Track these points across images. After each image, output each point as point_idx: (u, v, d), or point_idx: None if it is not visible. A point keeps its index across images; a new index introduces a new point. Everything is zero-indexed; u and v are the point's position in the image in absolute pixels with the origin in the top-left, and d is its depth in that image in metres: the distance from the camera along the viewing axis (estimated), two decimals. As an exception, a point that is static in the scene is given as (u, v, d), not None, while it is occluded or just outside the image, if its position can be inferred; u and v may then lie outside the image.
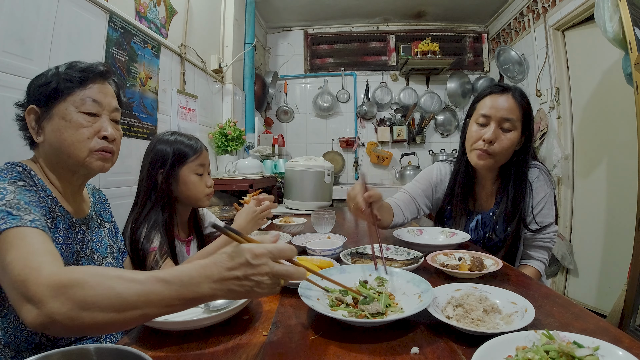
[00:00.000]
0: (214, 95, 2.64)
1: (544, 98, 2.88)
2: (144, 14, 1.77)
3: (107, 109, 0.81)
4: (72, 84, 0.77)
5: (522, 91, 1.18)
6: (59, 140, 0.76)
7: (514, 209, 1.18)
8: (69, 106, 0.76)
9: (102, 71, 0.82)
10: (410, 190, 1.39)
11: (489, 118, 1.15)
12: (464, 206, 1.30)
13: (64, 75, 0.77)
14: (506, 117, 1.12)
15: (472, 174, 1.29)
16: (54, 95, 0.76)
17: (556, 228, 1.22)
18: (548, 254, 1.22)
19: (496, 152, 1.14)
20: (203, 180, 1.19)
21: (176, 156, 1.14)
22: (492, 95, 1.17)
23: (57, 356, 0.45)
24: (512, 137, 1.13)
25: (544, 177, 1.21)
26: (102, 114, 0.80)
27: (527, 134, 1.17)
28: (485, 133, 1.14)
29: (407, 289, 0.74)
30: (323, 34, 4.08)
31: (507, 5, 3.41)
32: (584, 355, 0.46)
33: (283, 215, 1.83)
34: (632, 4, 1.68)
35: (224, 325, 0.65)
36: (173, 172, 1.14)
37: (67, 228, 0.79)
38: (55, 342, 0.74)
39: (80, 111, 0.77)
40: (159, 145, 1.16)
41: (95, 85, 0.80)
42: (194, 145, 1.18)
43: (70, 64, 0.80)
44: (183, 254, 1.20)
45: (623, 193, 2.26)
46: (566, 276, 2.73)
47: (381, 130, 3.86)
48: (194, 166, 1.16)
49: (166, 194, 1.13)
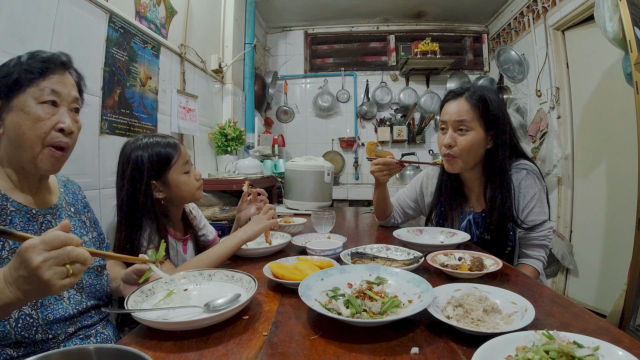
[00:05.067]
0: (214, 95, 2.64)
1: (544, 98, 2.88)
2: (144, 14, 1.77)
3: (67, 99, 0.80)
4: (33, 74, 0.75)
5: (481, 92, 1.21)
6: (17, 134, 0.75)
7: (499, 207, 1.19)
8: (28, 98, 0.75)
9: (63, 61, 0.80)
10: (397, 197, 1.56)
11: (446, 123, 1.23)
12: (453, 208, 1.34)
13: (25, 65, 0.75)
14: (459, 120, 1.19)
15: (459, 177, 1.34)
16: (15, 87, 0.74)
17: (551, 225, 1.23)
18: (545, 252, 1.23)
19: (458, 154, 1.21)
20: (191, 175, 1.15)
21: (160, 162, 1.08)
22: (448, 102, 1.25)
23: (57, 356, 0.45)
24: (470, 138, 1.19)
25: (532, 175, 1.22)
26: (61, 105, 0.79)
27: (495, 131, 1.20)
28: (444, 138, 1.23)
29: (407, 289, 0.74)
30: (323, 34, 4.08)
31: (507, 5, 3.41)
32: (584, 355, 0.46)
33: (283, 215, 1.83)
34: (632, 4, 1.68)
35: (224, 325, 0.65)
36: (161, 179, 1.09)
37: (27, 221, 0.78)
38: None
39: (39, 102, 0.75)
40: (135, 153, 1.07)
41: (55, 76, 0.78)
42: (172, 142, 1.12)
43: (32, 53, 0.78)
44: (179, 253, 1.19)
45: (623, 193, 2.26)
46: (566, 276, 2.73)
47: (381, 130, 3.86)
48: (180, 166, 1.11)
49: (157, 203, 1.09)
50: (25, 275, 0.53)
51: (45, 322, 0.74)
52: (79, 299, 0.83)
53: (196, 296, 0.78)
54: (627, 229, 1.91)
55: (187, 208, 1.31)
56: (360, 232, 1.56)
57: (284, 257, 0.99)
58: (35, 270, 0.52)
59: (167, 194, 1.12)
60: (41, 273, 0.52)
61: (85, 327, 0.84)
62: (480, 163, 1.26)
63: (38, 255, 0.53)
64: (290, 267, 0.85)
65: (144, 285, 0.77)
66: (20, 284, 0.54)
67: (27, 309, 0.72)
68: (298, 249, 1.19)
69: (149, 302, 0.73)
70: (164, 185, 1.10)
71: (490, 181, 1.23)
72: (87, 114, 1.38)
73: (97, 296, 0.89)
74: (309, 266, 0.87)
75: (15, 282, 0.54)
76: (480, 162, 1.25)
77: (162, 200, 1.12)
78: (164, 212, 1.14)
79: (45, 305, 0.76)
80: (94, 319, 0.87)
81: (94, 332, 0.86)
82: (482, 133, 1.19)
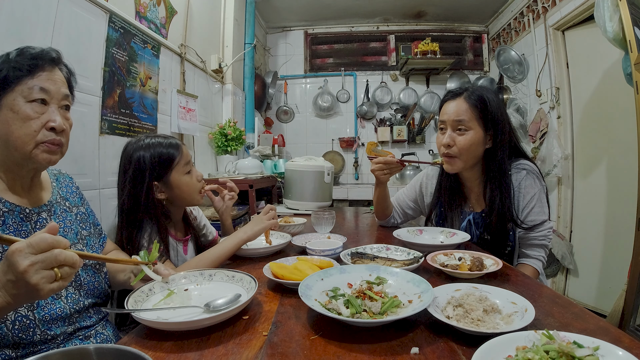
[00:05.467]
0: (214, 95, 2.64)
1: (544, 98, 2.88)
2: (144, 14, 1.77)
3: (56, 97, 0.78)
4: (22, 72, 0.73)
5: (479, 91, 1.21)
6: (6, 133, 0.73)
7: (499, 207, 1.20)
8: (17, 96, 0.73)
9: (52, 57, 0.78)
10: (397, 197, 1.57)
11: (445, 123, 1.24)
12: (453, 208, 1.34)
13: (13, 63, 0.73)
14: (457, 119, 1.20)
15: (458, 177, 1.34)
16: (3, 85, 0.73)
17: (551, 225, 1.23)
18: (545, 252, 1.23)
19: (457, 153, 1.21)
20: (193, 176, 1.15)
21: (162, 163, 1.08)
22: (447, 102, 1.25)
23: (57, 356, 0.45)
24: (469, 137, 1.19)
25: (532, 175, 1.22)
26: (50, 103, 0.77)
27: (494, 131, 1.20)
28: (443, 138, 1.23)
29: (407, 289, 0.74)
30: (323, 34, 4.08)
31: (507, 5, 3.41)
32: (584, 355, 0.46)
33: (283, 215, 1.83)
34: (632, 4, 1.68)
35: (224, 325, 0.65)
36: (163, 180, 1.09)
37: (20, 221, 0.77)
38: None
39: (28, 101, 0.74)
40: (137, 153, 1.07)
41: (44, 73, 0.76)
42: (174, 143, 1.12)
43: (21, 50, 0.76)
44: (180, 254, 1.19)
45: (623, 193, 2.26)
46: (566, 276, 2.73)
47: (381, 130, 3.86)
48: (181, 167, 1.11)
49: (158, 204, 1.09)
50: (13, 279, 0.53)
51: (43, 323, 0.74)
52: (76, 298, 0.83)
53: (197, 296, 0.78)
54: (627, 229, 1.90)
55: (188, 208, 1.32)
56: (360, 232, 1.56)
57: (284, 257, 0.99)
58: (22, 275, 0.52)
59: (168, 195, 1.12)
60: (28, 277, 0.52)
61: (84, 327, 0.84)
62: (480, 163, 1.26)
63: (25, 259, 0.52)
64: (290, 267, 0.85)
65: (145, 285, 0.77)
66: (9, 288, 0.54)
67: (24, 310, 0.72)
68: (298, 249, 1.19)
69: (149, 302, 0.73)
70: (166, 186, 1.10)
71: (489, 181, 1.23)
72: (87, 114, 1.38)
73: (96, 294, 0.89)
74: (309, 266, 0.87)
75: (4, 286, 0.54)
76: (479, 162, 1.25)
77: (163, 201, 1.12)
78: (165, 213, 1.14)
79: (42, 306, 0.75)
80: (92, 319, 0.87)
81: (93, 332, 0.86)
82: (480, 133, 1.19)
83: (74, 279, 0.84)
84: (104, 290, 0.92)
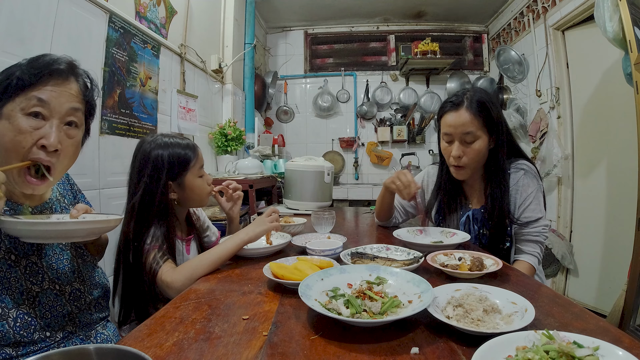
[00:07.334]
0: (214, 95, 2.64)
1: (544, 98, 2.88)
2: (144, 14, 1.77)
3: (58, 111, 0.72)
4: (23, 82, 0.69)
5: (479, 97, 1.20)
6: (1, 142, 0.69)
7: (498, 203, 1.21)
8: (15, 107, 0.69)
9: (60, 69, 0.73)
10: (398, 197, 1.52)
11: (451, 136, 1.22)
12: (452, 204, 1.35)
13: (20, 71, 0.70)
14: (466, 132, 1.18)
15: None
16: (6, 93, 0.69)
17: (546, 222, 1.25)
18: (540, 248, 1.24)
19: (467, 164, 1.22)
20: (204, 180, 1.18)
21: (179, 163, 1.09)
22: (448, 112, 1.23)
23: (57, 356, 0.45)
24: (478, 147, 1.19)
25: (530, 175, 1.25)
26: (51, 118, 0.71)
27: (496, 132, 1.21)
28: (452, 150, 1.21)
29: (407, 289, 0.74)
30: (323, 34, 4.08)
31: (507, 5, 3.41)
32: (584, 355, 0.46)
33: (283, 215, 1.83)
34: (632, 4, 1.68)
35: (224, 325, 0.65)
36: (177, 181, 1.10)
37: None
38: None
39: (25, 113, 0.69)
40: (155, 152, 1.07)
41: (50, 85, 0.71)
42: (191, 145, 1.14)
43: (35, 57, 0.72)
44: (182, 253, 1.20)
45: (623, 193, 2.26)
46: (566, 276, 2.73)
47: (381, 130, 3.86)
48: (196, 170, 1.14)
49: (169, 203, 1.10)
50: None
51: (44, 320, 0.75)
52: (78, 295, 0.84)
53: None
54: (627, 229, 1.91)
55: (191, 209, 1.32)
56: (360, 232, 1.56)
57: (284, 257, 0.99)
58: None
59: (179, 196, 1.13)
60: None
61: (84, 327, 0.84)
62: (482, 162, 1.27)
63: None
64: (290, 267, 0.85)
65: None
66: None
67: (25, 307, 0.73)
68: (298, 249, 1.19)
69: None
70: (179, 187, 1.12)
71: (490, 178, 1.26)
72: (87, 114, 1.38)
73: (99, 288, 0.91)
74: (309, 266, 0.87)
75: None
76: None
77: (174, 201, 1.13)
78: (174, 213, 1.15)
79: (44, 303, 0.76)
80: (93, 317, 0.87)
81: (93, 332, 0.86)
82: (486, 138, 1.21)
83: (75, 274, 0.86)
84: (104, 284, 0.94)
